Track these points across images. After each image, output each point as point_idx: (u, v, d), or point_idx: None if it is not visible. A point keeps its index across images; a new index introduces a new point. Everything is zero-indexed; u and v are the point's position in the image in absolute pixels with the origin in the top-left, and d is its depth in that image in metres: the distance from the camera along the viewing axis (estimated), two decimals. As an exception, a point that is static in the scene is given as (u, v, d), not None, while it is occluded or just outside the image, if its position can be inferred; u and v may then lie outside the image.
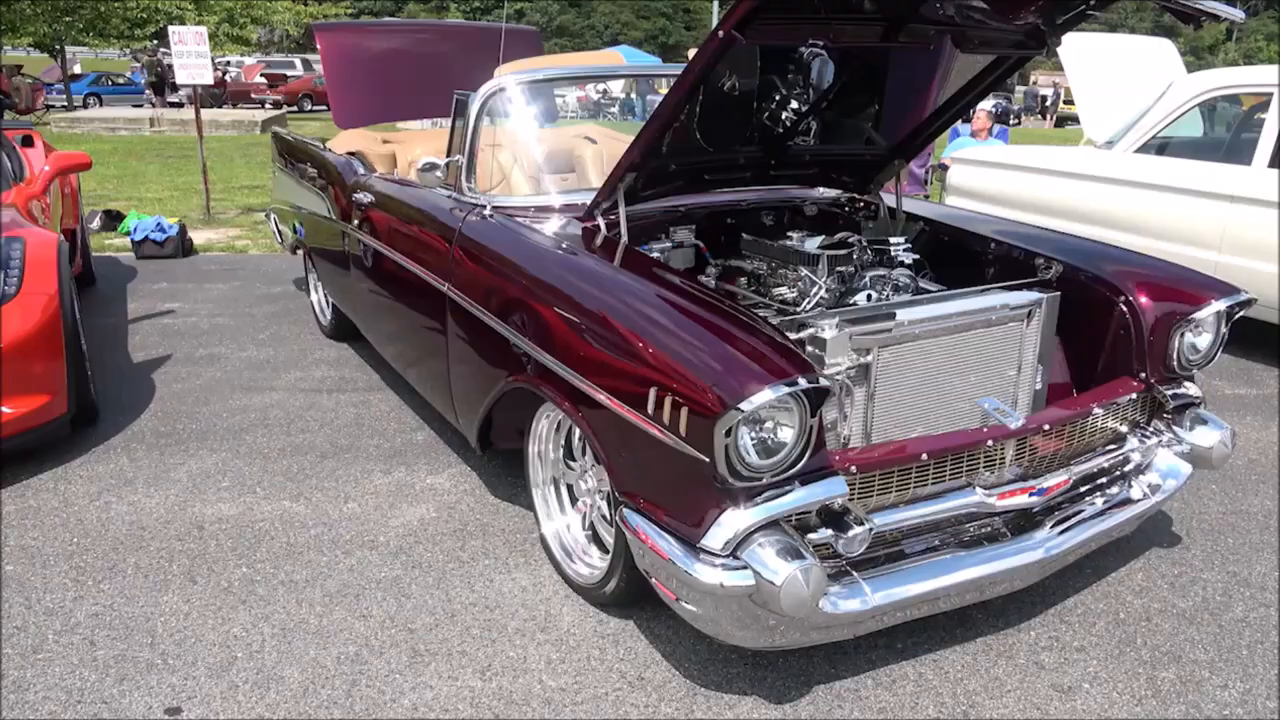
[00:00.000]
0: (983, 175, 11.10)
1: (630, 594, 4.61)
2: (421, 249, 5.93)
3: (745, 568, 3.76)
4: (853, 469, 4.08)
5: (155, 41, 37.96)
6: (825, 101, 5.45)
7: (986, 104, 13.70)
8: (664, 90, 6.78)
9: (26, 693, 4.26)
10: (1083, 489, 4.87)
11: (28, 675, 4.37)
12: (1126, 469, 5.02)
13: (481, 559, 5.27)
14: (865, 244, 5.44)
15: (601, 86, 12.23)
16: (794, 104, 5.37)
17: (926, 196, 13.18)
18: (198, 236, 13.72)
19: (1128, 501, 4.90)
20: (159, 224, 12.71)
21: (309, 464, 6.39)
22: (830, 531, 3.97)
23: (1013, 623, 4.79)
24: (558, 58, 9.65)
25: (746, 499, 3.80)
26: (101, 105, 41.68)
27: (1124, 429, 5.01)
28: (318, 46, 8.44)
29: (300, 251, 9.32)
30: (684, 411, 3.73)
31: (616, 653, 4.54)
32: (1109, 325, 5.08)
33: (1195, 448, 5.03)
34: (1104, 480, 4.96)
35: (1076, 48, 10.71)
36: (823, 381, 3.72)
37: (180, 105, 39.32)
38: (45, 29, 34.55)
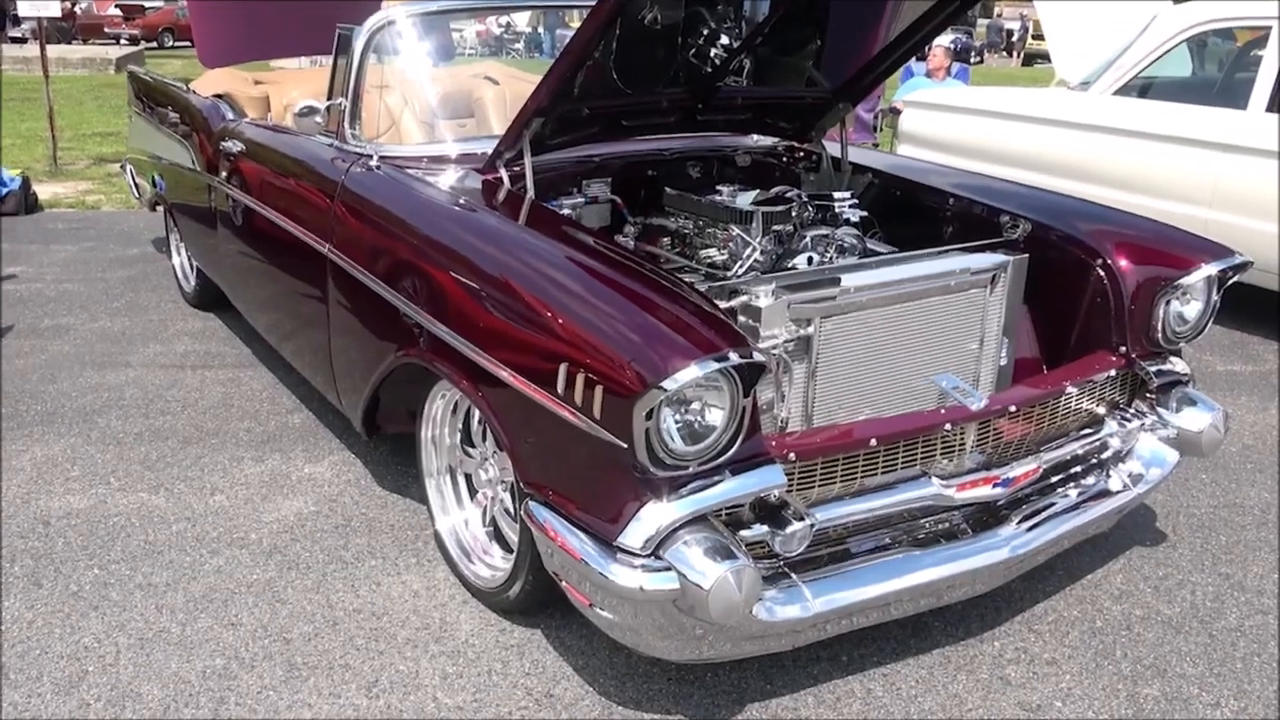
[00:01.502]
0: (940, 121, 11.13)
1: (537, 599, 4.59)
2: (298, 205, 5.89)
3: (669, 569, 3.72)
4: (791, 456, 4.05)
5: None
6: (760, 37, 5.43)
7: (944, 39, 13.74)
8: (576, 24, 6.74)
9: None
10: (1054, 479, 4.88)
11: None
12: (1104, 456, 5.04)
13: (367, 559, 5.25)
14: (805, 199, 5.44)
15: (505, 19, 12.17)
16: (724, 39, 5.34)
17: (876, 145, 13.26)
18: (43, 191, 13.60)
19: (1106, 494, 4.92)
20: (-2, 176, 12.57)
21: (170, 451, 6.36)
22: (766, 528, 3.94)
23: (974, 632, 4.79)
24: (456, -13, 9.58)
25: (670, 491, 3.76)
26: (-69, 40, 41.08)
27: (1101, 411, 5.02)
28: (179, -28, 8.37)
29: (160, 208, 9.27)
30: (598, 391, 3.69)
31: (521, 666, 4.50)
32: (1084, 292, 5.08)
33: (1183, 432, 5.04)
34: (1079, 469, 4.98)
35: (1048, -26, 10.77)
36: (757, 356, 3.69)
37: (23, 40, 38.79)
38: None
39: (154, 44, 43.99)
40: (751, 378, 3.72)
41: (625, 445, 3.65)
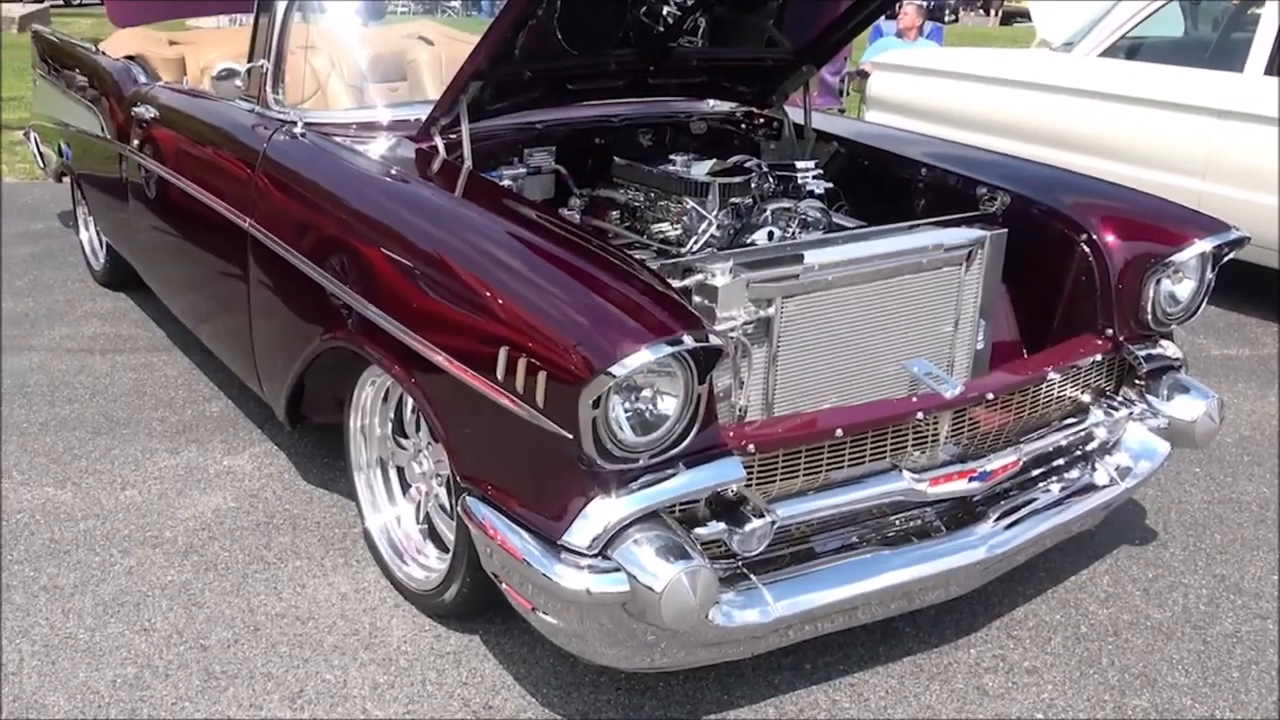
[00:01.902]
0: (911, 84, 11.12)
1: (475, 602, 4.57)
2: (217, 176, 5.84)
3: (617, 570, 3.71)
4: (751, 448, 4.03)
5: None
6: (718, -8, 5.43)
7: (916, -5, 13.74)
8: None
9: None
10: (1035, 473, 4.88)
11: None
12: (1090, 448, 5.05)
13: (291, 559, 5.22)
14: (766, 170, 5.44)
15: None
16: (678, -5, 5.35)
17: (842, 111, 13.28)
18: (-61, 160, 13.53)
19: (1091, 488, 4.92)
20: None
21: (78, 442, 6.32)
22: (723, 525, 3.93)
23: (949, 638, 4.78)
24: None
25: (619, 485, 3.74)
26: None
27: (1086, 399, 5.03)
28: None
29: (67, 179, 9.22)
30: (542, 377, 3.67)
31: (458, 675, 4.48)
32: (1067, 270, 5.08)
33: (1174, 421, 5.04)
34: (1062, 462, 4.98)
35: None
36: (713, 339, 3.67)
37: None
38: None
39: (61, 1, 43.70)
40: (707, 363, 3.69)
41: (570, 436, 3.63)
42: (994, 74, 10.39)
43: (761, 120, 6.25)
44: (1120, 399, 5.08)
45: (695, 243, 4.93)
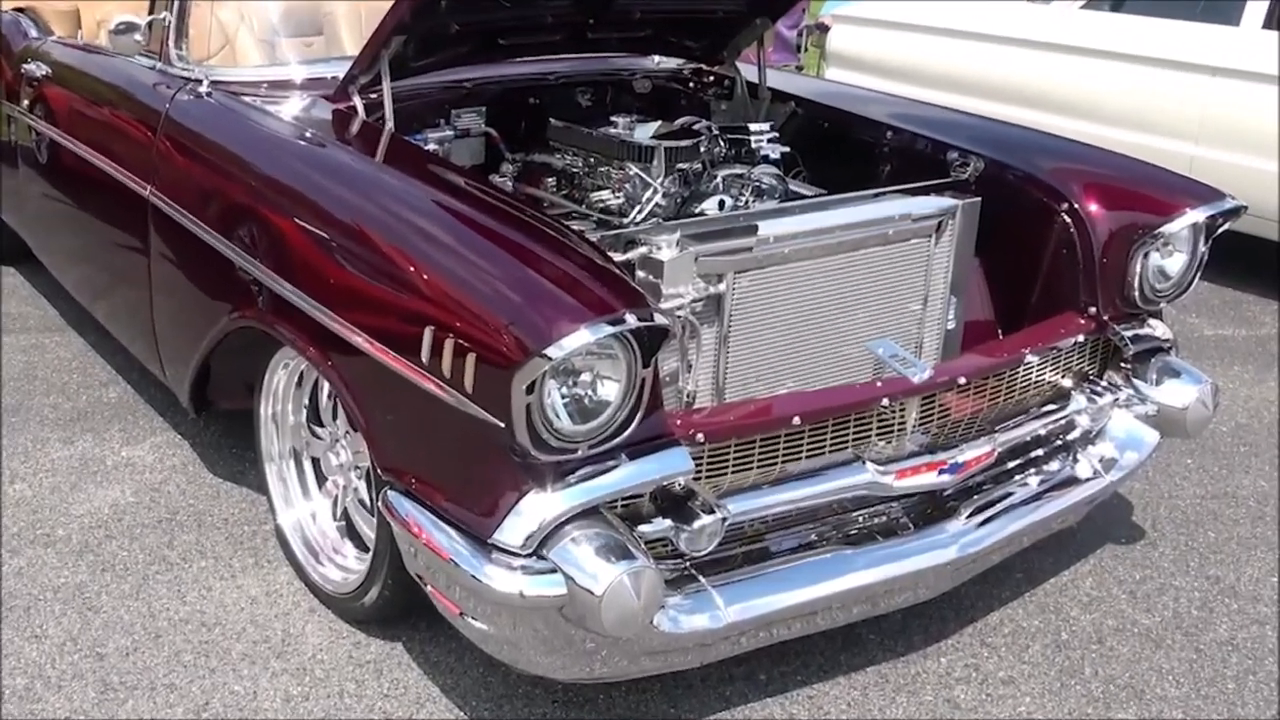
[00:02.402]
0: (876, 39, 11.13)
1: (398, 607, 4.56)
2: (115, 139, 5.82)
3: (554, 571, 3.70)
4: (699, 438, 4.02)
5: None
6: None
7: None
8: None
9: None
10: (1011, 465, 4.90)
11: None
12: (1071, 438, 5.07)
13: (196, 559, 5.18)
14: (716, 132, 5.44)
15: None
16: (621, -60, 5.35)
17: (800, 68, 13.27)
18: None
19: (1072, 482, 4.95)
20: None
21: None
22: (669, 522, 3.93)
23: (917, 646, 4.79)
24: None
25: (556, 478, 3.74)
26: None
27: (1068, 383, 5.05)
28: None
29: (-51, 143, 9.06)
30: (470, 359, 3.66)
31: (379, 686, 4.47)
32: (1047, 243, 5.10)
33: (1164, 408, 5.06)
34: (1041, 453, 5.01)
35: None
36: (659, 318, 3.67)
37: None
38: None
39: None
40: (652, 344, 3.68)
41: (502, 424, 3.61)
42: (967, 28, 10.39)
43: (711, 78, 6.24)
44: (1104, 384, 5.09)
45: (639, 213, 4.92)
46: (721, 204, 5.00)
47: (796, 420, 4.20)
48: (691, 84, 6.22)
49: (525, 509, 3.73)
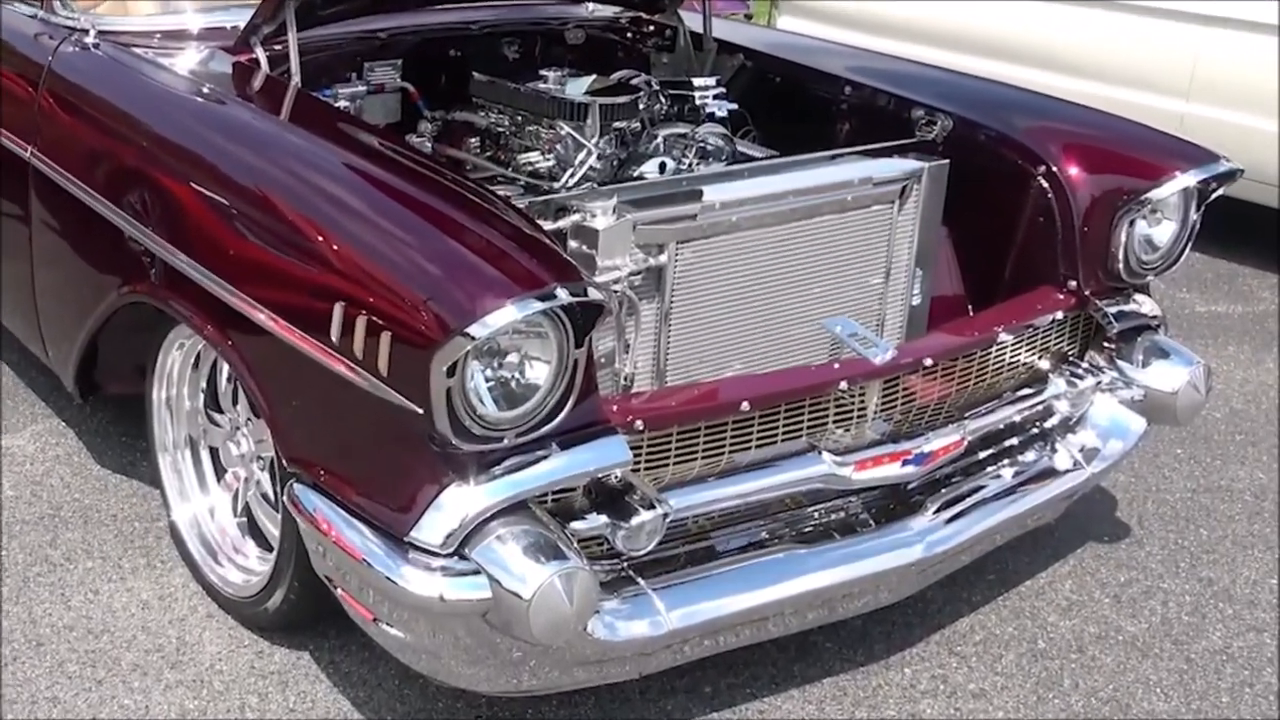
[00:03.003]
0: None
1: (305, 612, 4.56)
2: None
3: (477, 573, 3.68)
4: (638, 425, 4.02)
5: None
6: None
7: None
8: None
9: None
10: (983, 456, 4.92)
11: None
12: (1049, 426, 5.09)
13: (82, 560, 5.16)
14: (657, 88, 5.45)
15: None
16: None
17: (749, 17, 13.24)
18: None
19: (1050, 474, 4.97)
20: None
21: None
22: (605, 518, 3.92)
23: (878, 656, 4.79)
24: None
25: (480, 470, 3.72)
26: None
27: (1045, 365, 5.07)
28: None
29: None
30: (385, 338, 3.64)
31: (284, 700, 4.46)
32: (1022, 209, 5.12)
33: (1151, 393, 5.06)
34: (1015, 442, 5.03)
35: None
36: (594, 293, 3.66)
37: None
38: None
39: None
40: (586, 321, 3.67)
41: (420, 410, 3.60)
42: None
43: (651, 28, 6.24)
44: (1086, 366, 5.10)
45: (571, 176, 4.92)
46: (662, 167, 5.00)
47: (745, 406, 4.20)
48: (629, 34, 6.22)
49: (445, 504, 3.71)
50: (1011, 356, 4.89)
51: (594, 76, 5.42)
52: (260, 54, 5.04)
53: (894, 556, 4.41)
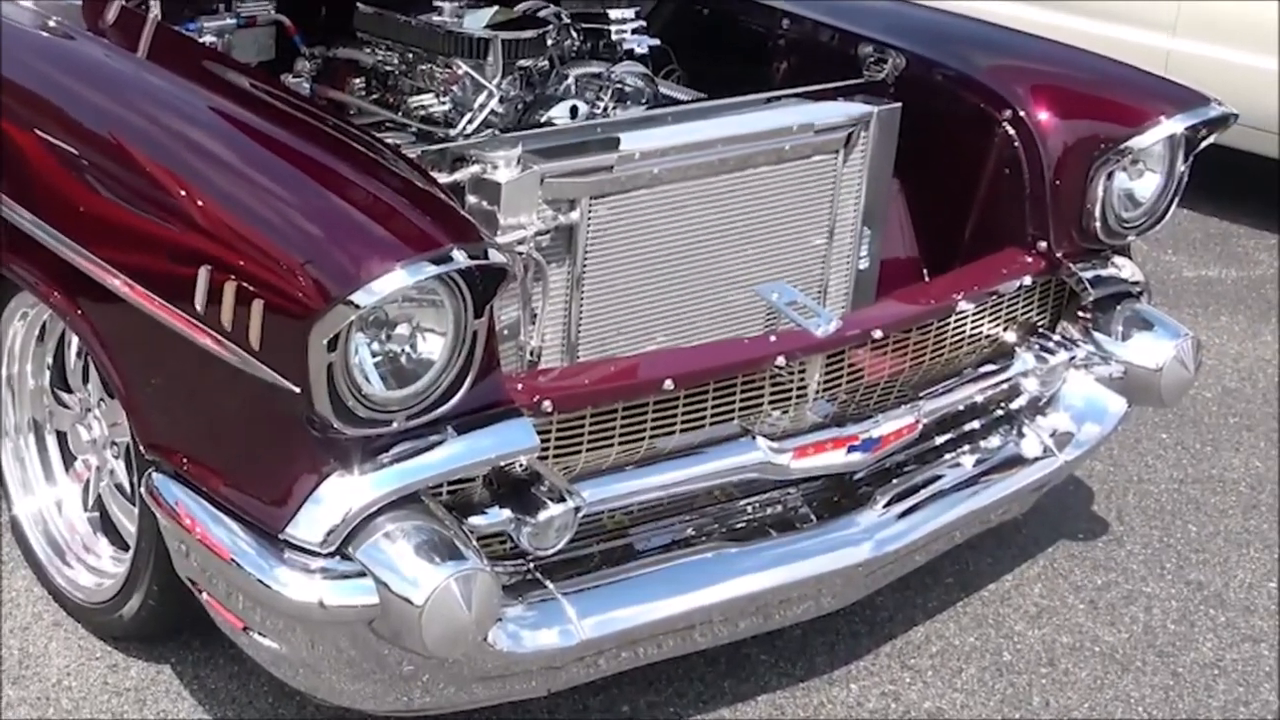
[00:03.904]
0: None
1: (166, 620, 4.56)
2: None
3: (363, 575, 3.68)
4: (546, 406, 4.02)
5: None
6: None
7: None
8: None
9: None
10: (940, 442, 4.96)
11: None
12: (1015, 407, 5.13)
13: (-92, 561, 5.14)
14: (568, 21, 5.45)
15: None
16: None
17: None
18: None
19: (1017, 462, 5.00)
20: None
21: None
22: (508, 513, 3.92)
23: (820, 670, 4.81)
24: None
25: (365, 458, 3.72)
26: None
27: (1011, 338, 5.09)
28: None
29: None
30: (257, 307, 3.62)
31: None
32: (985, 160, 5.14)
33: (1133, 369, 5.08)
34: (977, 426, 5.06)
35: None
36: (495, 256, 3.66)
37: None
38: None
39: None
40: (486, 288, 3.67)
41: (298, 389, 3.58)
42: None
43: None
44: (1058, 338, 5.12)
45: (469, 122, 4.88)
46: (574, 111, 4.99)
47: (669, 384, 4.20)
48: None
49: (326, 496, 3.69)
50: (972, 328, 4.91)
51: (496, 8, 5.36)
52: (114, -18, 5.03)
53: (838, 556, 4.42)
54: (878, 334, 4.58)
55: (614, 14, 5.48)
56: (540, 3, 5.54)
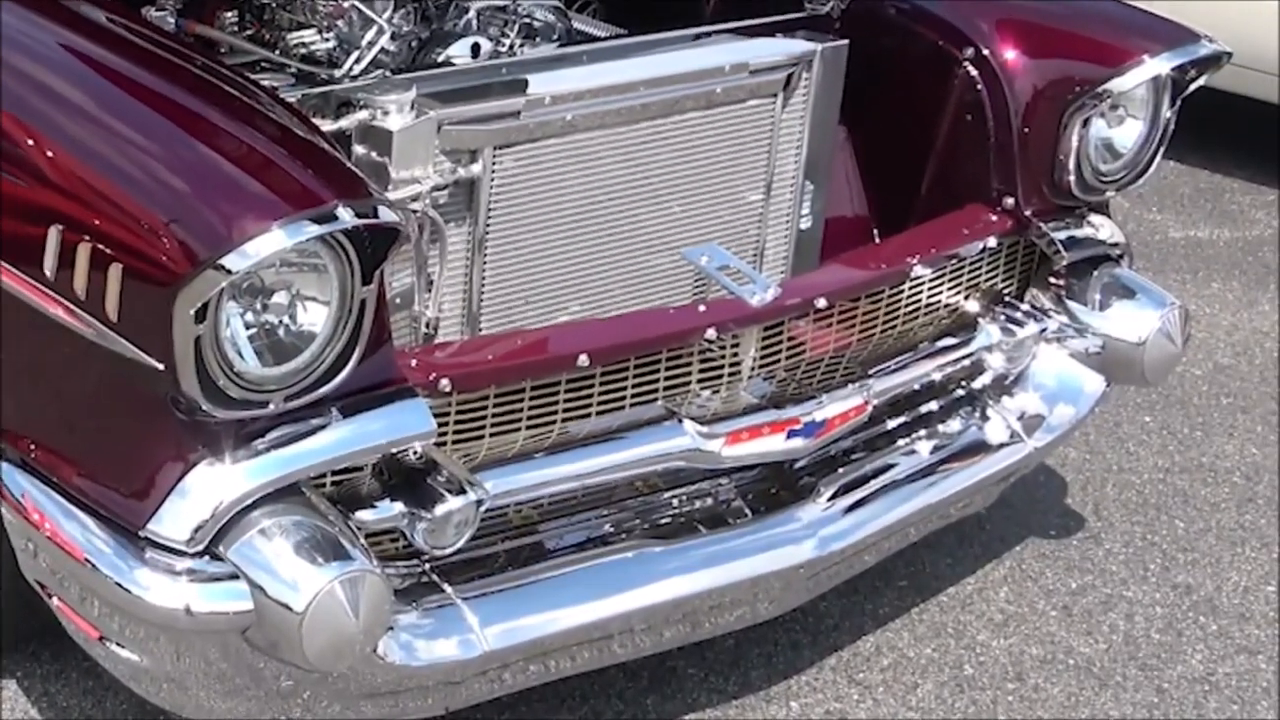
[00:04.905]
0: None
1: (10, 629, 4.55)
2: None
3: (235, 577, 3.69)
4: (444, 385, 4.04)
5: None
6: None
7: None
8: None
9: None
10: (893, 425, 4.99)
11: None
12: (978, 386, 5.16)
13: None
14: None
15: None
16: None
17: None
18: None
19: (980, 448, 5.04)
20: None
21: None
22: (401, 507, 3.94)
23: (756, 685, 4.84)
24: None
25: (238, 444, 3.72)
26: None
27: (974, 307, 5.13)
28: None
29: None
30: (114, 273, 3.61)
31: None
32: (944, 105, 5.18)
33: (1111, 343, 5.12)
34: (935, 408, 5.10)
35: None
36: (386, 214, 3.66)
37: None
38: None
39: None
40: (376, 251, 3.68)
41: (161, 366, 3.57)
42: None
43: None
44: (1026, 308, 5.16)
45: (357, 62, 4.83)
46: (475, 49, 4.95)
47: (583, 360, 4.21)
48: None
49: (193, 488, 3.68)
50: (929, 296, 4.94)
51: (387, -68, 5.39)
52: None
53: (777, 556, 4.43)
54: (821, 303, 4.60)
55: (519, -60, 5.47)
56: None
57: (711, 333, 4.41)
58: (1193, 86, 5.13)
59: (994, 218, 5.02)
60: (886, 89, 5.16)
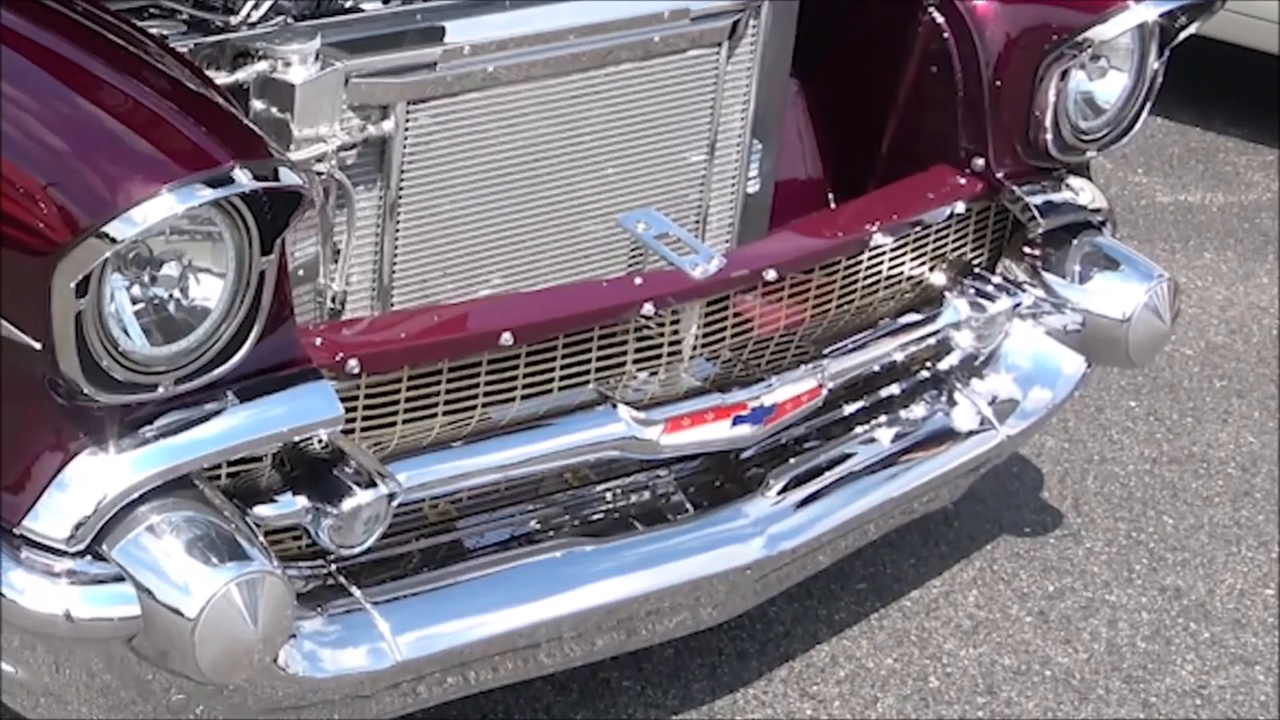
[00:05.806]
0: None
1: None
2: None
3: (120, 580, 3.71)
4: (353, 366, 4.07)
5: None
6: None
7: None
8: None
9: None
10: (850, 411, 5.04)
11: None
12: (945, 368, 5.22)
13: None
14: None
15: None
16: None
17: None
18: None
19: (947, 436, 5.10)
20: None
21: None
22: (305, 501, 3.97)
23: (699, 699, 4.88)
24: None
25: (124, 432, 3.74)
26: None
27: (940, 280, 5.18)
28: None
29: None
30: None
31: None
32: (906, 55, 5.21)
33: (1093, 320, 5.17)
34: (896, 392, 5.14)
35: None
36: (288, 176, 3.68)
37: None
38: None
39: None
40: (277, 217, 3.70)
41: (38, 345, 3.59)
42: None
43: None
44: (998, 281, 5.20)
45: (255, 8, 4.70)
46: (387, -6, 5.01)
47: (507, 338, 4.23)
48: None
49: (73, 481, 3.70)
50: (890, 267, 4.97)
51: None
52: None
53: (721, 556, 4.47)
54: (771, 275, 4.63)
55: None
56: None
57: (649, 308, 4.44)
58: (1183, 35, 5.15)
59: (962, 181, 5.05)
60: (843, 37, 5.19)
